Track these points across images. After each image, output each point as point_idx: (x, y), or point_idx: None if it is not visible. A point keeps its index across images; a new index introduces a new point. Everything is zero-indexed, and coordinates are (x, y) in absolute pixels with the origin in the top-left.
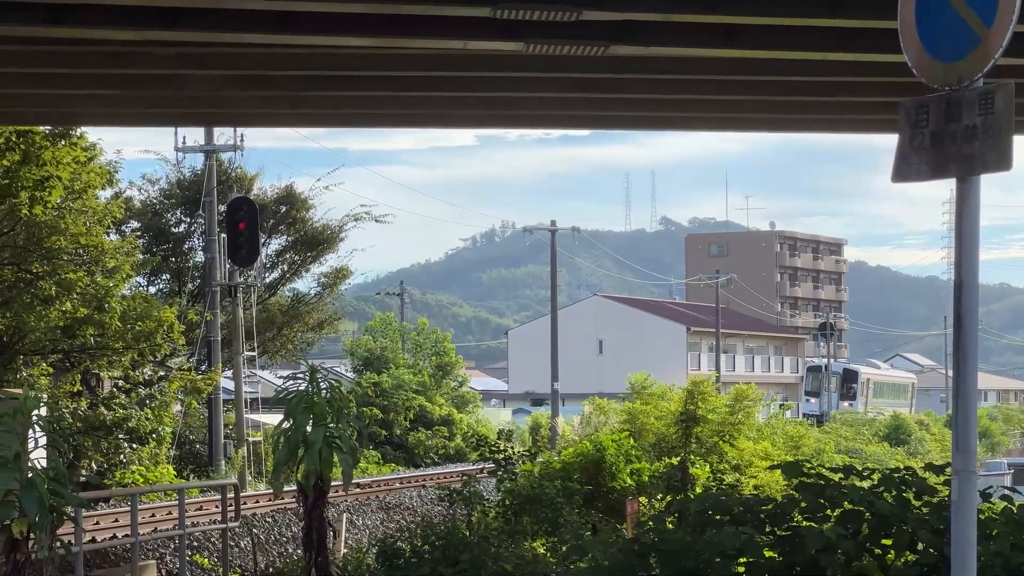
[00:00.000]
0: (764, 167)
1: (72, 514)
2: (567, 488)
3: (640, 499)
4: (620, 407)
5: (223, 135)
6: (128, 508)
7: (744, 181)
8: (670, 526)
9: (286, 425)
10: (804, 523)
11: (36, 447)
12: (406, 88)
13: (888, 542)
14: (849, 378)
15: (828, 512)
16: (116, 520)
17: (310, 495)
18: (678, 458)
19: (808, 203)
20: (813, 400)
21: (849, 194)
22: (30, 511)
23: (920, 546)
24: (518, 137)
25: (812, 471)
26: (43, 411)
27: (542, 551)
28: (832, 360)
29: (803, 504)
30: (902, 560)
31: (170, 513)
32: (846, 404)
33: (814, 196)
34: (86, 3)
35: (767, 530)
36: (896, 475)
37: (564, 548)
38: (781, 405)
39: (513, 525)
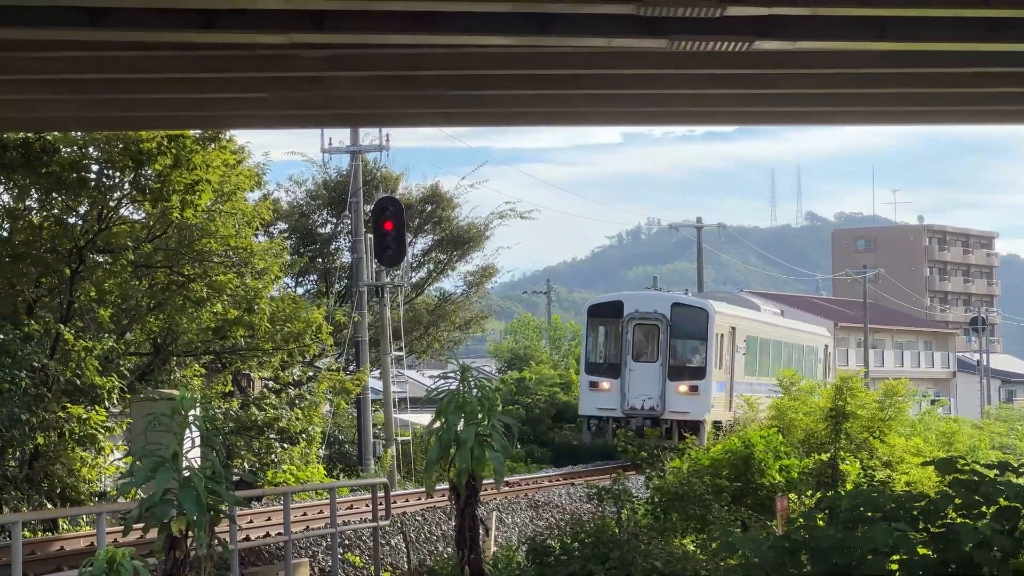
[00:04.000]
0: (912, 160)
1: (228, 512)
2: (716, 485)
3: (790, 496)
4: (768, 403)
5: (368, 136)
6: (281, 507)
7: (891, 175)
8: (821, 523)
9: (437, 424)
10: (958, 520)
11: (192, 447)
12: (550, 86)
13: None
14: None
15: (983, 509)
16: (269, 519)
17: (462, 493)
18: (828, 454)
19: (957, 196)
20: None
21: (999, 186)
22: (189, 509)
23: None
24: (663, 134)
25: (966, 467)
26: (197, 411)
27: (692, 548)
28: (985, 355)
29: (957, 501)
30: None
31: (321, 512)
32: None
33: (963, 188)
34: (235, 8)
35: (920, 527)
36: None
37: (714, 545)
38: (934, 401)
39: (662, 522)
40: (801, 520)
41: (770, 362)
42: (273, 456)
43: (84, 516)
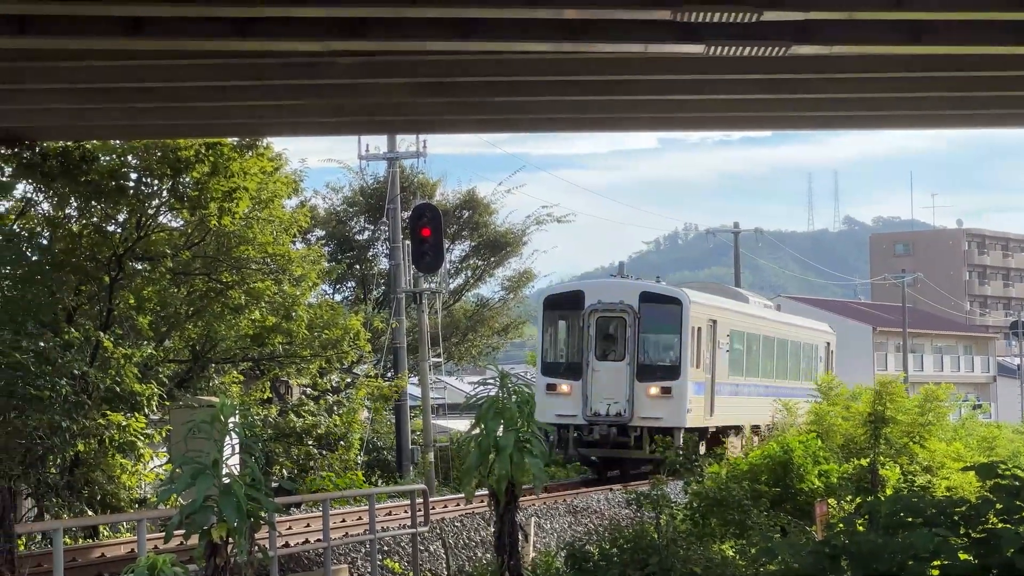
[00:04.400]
0: (950, 164)
1: (268, 519)
2: (754, 490)
3: (829, 501)
4: (807, 408)
5: (405, 142)
6: (319, 513)
7: (929, 178)
8: (861, 528)
9: (477, 430)
10: (999, 525)
11: (232, 454)
12: (587, 92)
13: None
14: None
15: None
16: (308, 525)
17: (501, 499)
18: (867, 459)
19: (996, 199)
20: None
21: None
22: (229, 516)
23: None
24: (700, 139)
25: (1007, 472)
26: (236, 418)
27: (731, 554)
28: None
29: (998, 506)
30: None
31: (360, 518)
32: None
33: (1002, 192)
34: (272, 16)
35: (961, 532)
36: None
37: (753, 551)
38: (976, 407)
39: (701, 528)
40: (841, 525)
41: (760, 360)
42: (312, 462)
43: (125, 523)
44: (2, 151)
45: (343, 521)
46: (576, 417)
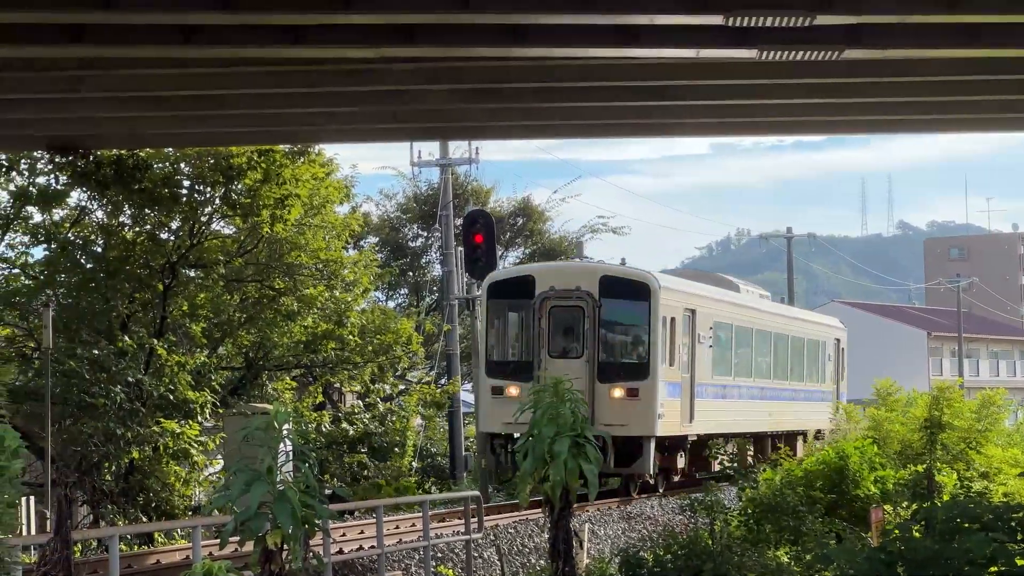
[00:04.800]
0: (1006, 167)
1: (322, 525)
2: (809, 496)
3: (885, 507)
4: (863, 413)
5: (458, 149)
6: (373, 520)
7: (985, 183)
8: (917, 534)
9: (531, 437)
10: None
11: (286, 461)
12: (640, 98)
13: None
14: None
15: None
16: (361, 532)
17: (556, 505)
18: (923, 465)
19: None
20: None
21: None
22: (283, 523)
23: None
24: (752, 144)
25: None
26: (290, 425)
27: (785, 560)
28: None
29: None
30: None
31: (414, 525)
32: None
33: None
34: (324, 23)
35: (1019, 538)
36: None
37: (808, 557)
38: None
39: (755, 534)
40: (897, 532)
41: (754, 358)
42: (365, 469)
43: (179, 529)
44: (57, 159)
45: (396, 528)
46: (527, 425)
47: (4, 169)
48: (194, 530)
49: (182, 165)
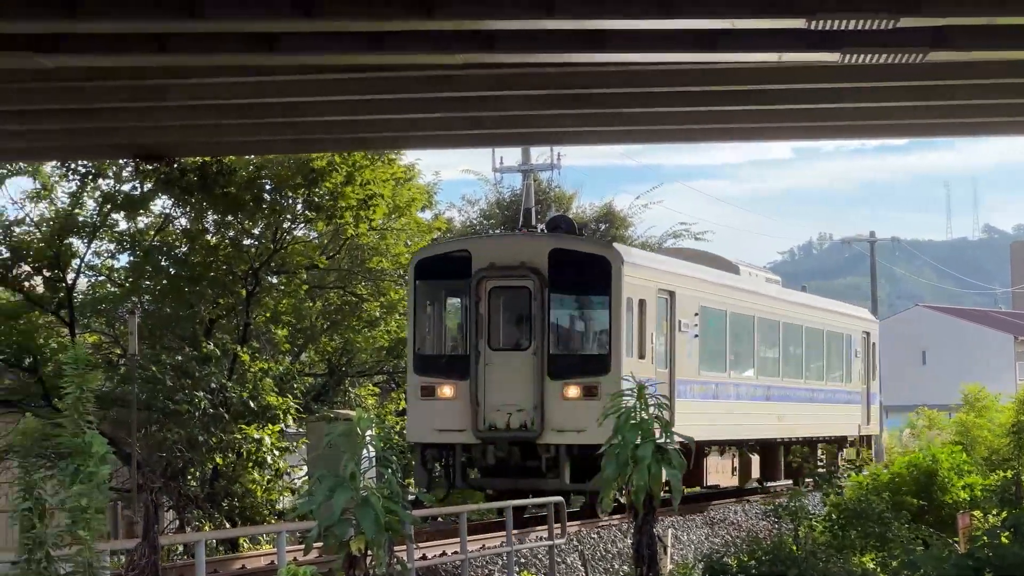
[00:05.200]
0: None
1: (406, 531)
2: (896, 502)
3: (973, 513)
4: (951, 419)
5: (541, 154)
6: (456, 526)
7: None
8: (1005, 540)
9: (615, 442)
10: None
11: (370, 466)
12: (723, 103)
13: None
14: None
15: None
16: (446, 538)
17: (639, 511)
18: (1011, 471)
19: None
20: None
21: None
22: (367, 529)
23: None
24: (835, 148)
25: None
26: (373, 431)
27: (871, 566)
28: None
29: None
30: None
31: (497, 531)
32: None
33: None
34: (404, 30)
35: None
36: None
37: (894, 564)
38: None
39: (840, 540)
40: (985, 538)
41: (756, 352)
42: None
43: (264, 535)
44: (142, 167)
45: (480, 534)
46: (464, 433)
47: (91, 177)
48: (279, 535)
49: (264, 171)
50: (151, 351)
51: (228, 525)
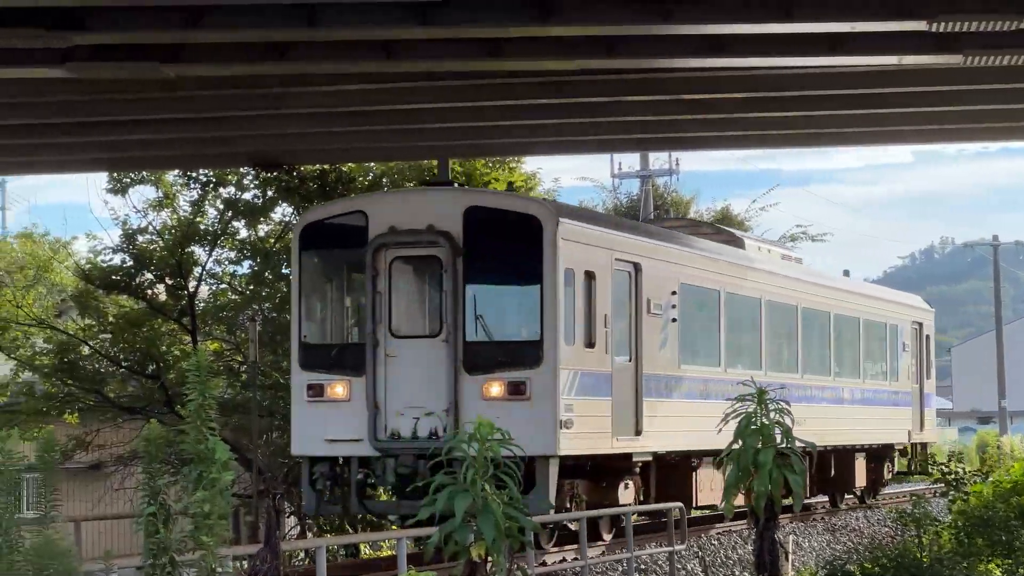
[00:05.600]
0: None
1: (526, 537)
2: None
3: None
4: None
5: (658, 160)
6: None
7: None
8: None
9: (736, 447)
10: None
11: (490, 472)
12: (842, 107)
13: None
14: None
15: None
16: (564, 544)
17: (761, 517)
18: None
19: None
20: None
21: None
22: (487, 534)
23: None
24: (956, 151)
25: None
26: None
27: (998, 574)
28: None
29: None
30: None
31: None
32: None
33: None
34: (522, 36)
35: None
36: None
37: (1021, 571)
38: None
39: (966, 547)
40: None
41: (764, 341)
42: None
43: (385, 540)
44: (262, 175)
45: (601, 540)
46: (360, 443)
47: (212, 185)
48: (399, 541)
49: (383, 178)
50: (272, 357)
51: (350, 531)
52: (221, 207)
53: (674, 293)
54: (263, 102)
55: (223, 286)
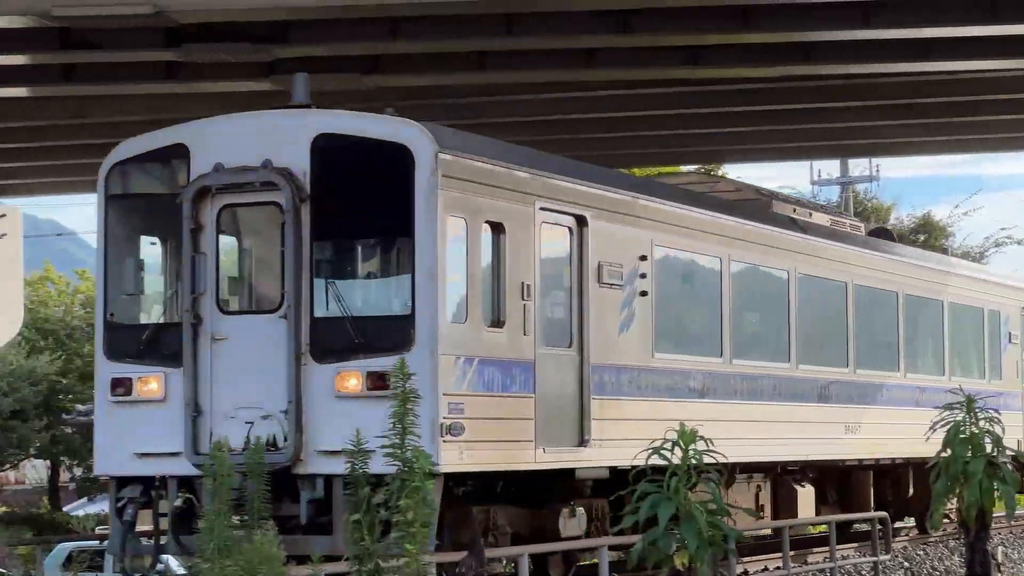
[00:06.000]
0: None
1: (729, 546)
2: None
3: None
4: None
5: (858, 167)
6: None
7: None
8: None
9: (944, 456)
10: None
11: (691, 480)
12: None
13: None
14: None
15: None
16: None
17: (972, 527)
18: None
19: None
20: None
21: None
22: (690, 543)
23: None
24: None
25: None
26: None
27: None
28: None
29: None
30: None
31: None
32: None
33: None
34: (721, 43)
35: None
36: None
37: None
38: None
39: None
40: None
41: (794, 326)
42: None
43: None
44: None
45: (801, 549)
46: (178, 459)
47: None
48: (600, 550)
49: None
50: None
51: None
52: None
53: (644, 258)
54: (463, 112)
55: None
